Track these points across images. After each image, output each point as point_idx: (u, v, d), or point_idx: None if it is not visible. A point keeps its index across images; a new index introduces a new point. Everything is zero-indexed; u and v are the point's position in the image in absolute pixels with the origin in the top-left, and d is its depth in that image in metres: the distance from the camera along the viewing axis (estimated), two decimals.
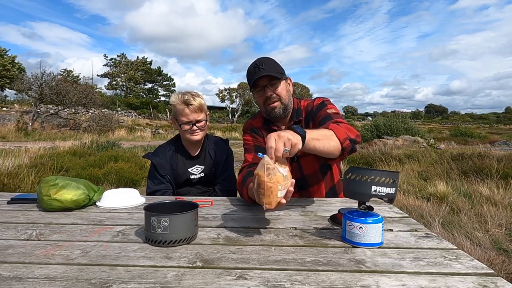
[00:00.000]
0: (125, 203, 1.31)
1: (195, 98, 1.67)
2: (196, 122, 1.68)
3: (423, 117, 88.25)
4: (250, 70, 1.46)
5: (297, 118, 1.51)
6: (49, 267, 0.75)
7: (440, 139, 14.53)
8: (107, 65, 44.50)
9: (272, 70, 1.42)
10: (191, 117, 1.66)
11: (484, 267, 0.76)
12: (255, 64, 1.44)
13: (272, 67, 1.43)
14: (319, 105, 1.49)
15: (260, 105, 1.52)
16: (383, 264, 0.78)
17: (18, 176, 4.55)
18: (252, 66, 1.46)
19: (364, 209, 0.91)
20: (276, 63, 1.47)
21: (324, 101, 1.51)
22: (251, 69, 1.46)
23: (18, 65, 29.65)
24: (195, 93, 1.71)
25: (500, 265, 2.25)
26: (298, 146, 0.99)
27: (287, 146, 0.95)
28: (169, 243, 0.87)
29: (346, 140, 1.20)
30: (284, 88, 1.47)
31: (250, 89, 1.49)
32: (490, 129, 37.04)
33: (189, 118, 1.66)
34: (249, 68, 1.48)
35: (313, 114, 1.48)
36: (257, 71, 1.43)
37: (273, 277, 0.71)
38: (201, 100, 1.69)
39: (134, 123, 23.70)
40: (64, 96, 16.37)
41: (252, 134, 1.60)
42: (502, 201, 3.88)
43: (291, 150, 0.97)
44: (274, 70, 1.43)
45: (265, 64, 1.42)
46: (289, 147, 0.95)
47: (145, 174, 5.31)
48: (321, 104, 1.49)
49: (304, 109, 1.54)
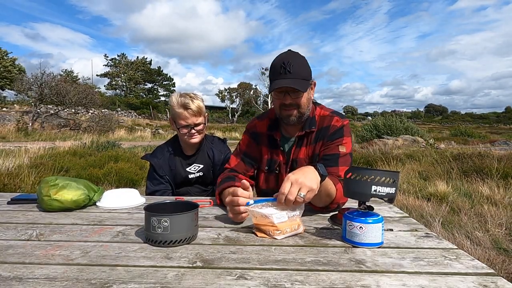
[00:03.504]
0: (125, 203, 1.31)
1: (194, 101, 1.63)
2: (195, 126, 1.66)
3: (423, 116, 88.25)
4: (276, 68, 1.29)
5: (309, 128, 1.38)
6: (49, 267, 0.75)
7: (440, 139, 14.53)
8: (107, 65, 44.52)
9: (299, 77, 1.27)
10: (190, 120, 1.64)
11: (484, 267, 0.76)
12: (283, 62, 1.27)
13: (301, 70, 1.28)
14: (336, 132, 1.35)
15: (275, 106, 1.38)
16: (383, 264, 0.78)
17: (18, 176, 4.55)
18: (278, 63, 1.28)
19: (364, 209, 0.91)
20: (304, 64, 1.31)
21: (343, 128, 1.36)
22: (277, 67, 1.28)
23: (18, 66, 29.66)
24: (193, 95, 1.68)
25: (500, 265, 2.25)
26: (315, 192, 0.96)
27: (302, 191, 0.93)
28: (169, 243, 0.87)
29: (335, 204, 1.19)
30: (306, 96, 1.32)
31: (270, 86, 1.32)
32: (490, 129, 37.04)
33: (188, 122, 1.64)
34: (274, 64, 1.30)
35: (326, 136, 1.36)
36: (282, 73, 1.26)
37: (273, 277, 0.71)
38: (199, 102, 1.65)
39: (134, 123, 23.71)
40: (64, 96, 16.38)
41: (250, 139, 1.51)
42: (502, 201, 3.88)
43: (307, 196, 0.94)
44: (302, 76, 1.28)
45: (294, 67, 1.26)
46: (305, 193, 0.94)
47: (145, 174, 5.30)
48: (339, 131, 1.35)
49: (319, 120, 1.40)
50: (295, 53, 1.34)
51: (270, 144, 1.45)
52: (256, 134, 1.50)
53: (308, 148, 1.39)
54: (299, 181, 0.94)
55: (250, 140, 1.51)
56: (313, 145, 1.38)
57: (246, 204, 0.96)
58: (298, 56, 1.32)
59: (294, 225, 0.96)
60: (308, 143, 1.39)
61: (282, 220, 0.94)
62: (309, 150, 1.39)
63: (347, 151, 1.34)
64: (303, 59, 1.33)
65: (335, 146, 1.33)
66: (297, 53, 1.34)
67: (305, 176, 0.96)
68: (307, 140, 1.39)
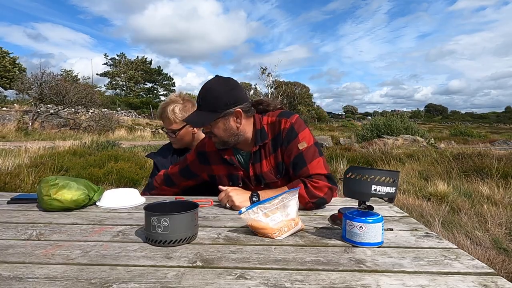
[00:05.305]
0: (125, 203, 1.31)
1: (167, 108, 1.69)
2: (169, 132, 1.72)
3: (423, 116, 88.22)
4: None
5: (262, 141, 1.32)
6: (49, 267, 0.75)
7: (440, 139, 14.53)
8: (107, 64, 44.50)
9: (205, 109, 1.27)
10: (165, 125, 1.74)
11: (484, 267, 0.76)
12: (199, 94, 1.30)
13: (210, 103, 1.26)
14: (288, 133, 1.29)
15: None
16: (383, 264, 0.78)
17: (18, 176, 4.55)
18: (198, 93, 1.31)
19: (364, 209, 0.91)
20: (214, 96, 1.26)
21: (293, 126, 1.29)
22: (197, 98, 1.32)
23: (19, 65, 29.62)
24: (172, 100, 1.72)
25: (500, 265, 2.25)
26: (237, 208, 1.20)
27: (230, 204, 1.25)
28: (169, 243, 0.87)
29: (308, 203, 1.22)
30: (221, 127, 1.29)
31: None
32: (490, 129, 37.04)
33: (164, 125, 1.74)
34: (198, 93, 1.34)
35: (281, 141, 1.31)
36: (197, 105, 1.31)
37: (273, 276, 0.71)
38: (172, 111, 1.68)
39: (134, 122, 23.69)
40: (64, 96, 16.36)
41: (196, 158, 1.49)
42: (502, 201, 3.88)
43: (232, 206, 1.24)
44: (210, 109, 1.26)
45: (202, 100, 1.28)
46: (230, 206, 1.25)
47: (145, 174, 5.30)
48: (290, 132, 1.29)
49: (269, 129, 1.33)
50: (216, 81, 1.29)
51: (224, 161, 1.41)
52: (203, 154, 1.48)
53: (269, 160, 1.34)
54: (230, 194, 1.25)
55: (194, 158, 1.51)
56: (273, 155, 1.33)
57: (239, 212, 0.96)
58: (215, 86, 1.28)
59: (291, 223, 0.96)
60: (266, 155, 1.34)
61: (277, 221, 0.95)
62: (271, 161, 1.34)
63: (308, 144, 1.28)
64: (222, 89, 1.27)
65: (294, 147, 1.28)
66: (219, 81, 1.29)
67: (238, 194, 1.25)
68: (264, 152, 1.34)
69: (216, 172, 1.45)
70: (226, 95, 1.27)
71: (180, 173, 1.55)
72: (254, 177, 1.37)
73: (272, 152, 1.34)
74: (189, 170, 1.52)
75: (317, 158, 1.28)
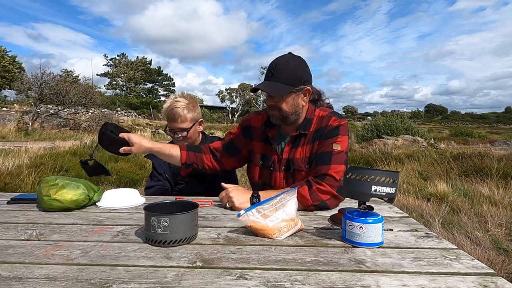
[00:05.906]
0: (125, 203, 1.31)
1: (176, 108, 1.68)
2: (178, 130, 1.71)
3: (423, 116, 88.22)
4: (267, 69, 1.34)
5: (303, 130, 1.37)
6: (49, 267, 0.75)
7: (440, 139, 14.54)
8: (107, 64, 44.50)
9: (279, 81, 1.28)
10: (172, 126, 1.71)
11: (484, 267, 0.76)
12: (271, 65, 1.31)
13: (285, 75, 1.28)
14: (332, 131, 1.34)
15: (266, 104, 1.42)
16: (383, 264, 0.78)
17: (18, 176, 4.55)
18: (270, 64, 1.33)
19: (364, 209, 0.91)
20: (293, 69, 1.30)
21: (340, 127, 1.34)
22: (268, 69, 1.33)
23: (18, 64, 29.59)
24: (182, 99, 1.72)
25: (500, 265, 2.26)
26: (237, 209, 1.20)
27: (230, 205, 1.25)
28: (169, 243, 0.87)
29: (310, 206, 1.23)
30: (290, 102, 1.31)
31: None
32: (490, 129, 37.05)
33: (172, 126, 1.72)
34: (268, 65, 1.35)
35: (322, 135, 1.35)
36: (267, 75, 1.32)
37: (273, 277, 0.71)
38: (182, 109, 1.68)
39: (134, 123, 23.68)
40: (63, 96, 16.35)
41: (240, 131, 1.53)
42: (502, 201, 3.88)
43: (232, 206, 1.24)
44: (284, 80, 1.28)
45: (278, 70, 1.28)
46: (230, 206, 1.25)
47: (145, 174, 5.31)
48: (335, 130, 1.34)
49: (317, 121, 1.39)
50: (291, 56, 1.33)
51: (264, 139, 1.46)
52: (248, 128, 1.52)
53: (304, 148, 1.38)
54: (231, 195, 1.25)
55: (239, 132, 1.54)
56: (310, 145, 1.37)
57: (238, 215, 0.96)
58: (291, 60, 1.31)
59: (290, 223, 0.96)
60: (305, 143, 1.38)
61: (276, 222, 0.95)
62: (306, 150, 1.37)
63: (342, 149, 1.32)
64: (297, 64, 1.31)
65: (329, 144, 1.32)
66: (294, 57, 1.33)
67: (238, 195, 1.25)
68: (304, 140, 1.38)
69: (254, 148, 1.49)
70: (302, 71, 1.32)
71: (224, 148, 1.53)
72: (286, 160, 1.39)
73: (310, 142, 1.37)
74: (233, 145, 1.52)
75: (341, 165, 1.29)
